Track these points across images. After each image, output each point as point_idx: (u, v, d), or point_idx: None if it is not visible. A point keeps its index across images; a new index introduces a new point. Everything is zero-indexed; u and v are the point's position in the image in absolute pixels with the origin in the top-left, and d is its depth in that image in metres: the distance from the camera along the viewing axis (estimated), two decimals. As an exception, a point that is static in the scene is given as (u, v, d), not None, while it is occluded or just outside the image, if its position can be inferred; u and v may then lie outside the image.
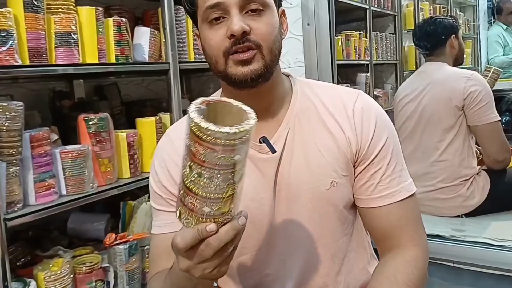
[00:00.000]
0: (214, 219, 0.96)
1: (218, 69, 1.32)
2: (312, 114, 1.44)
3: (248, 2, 1.27)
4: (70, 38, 2.18)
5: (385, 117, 1.48)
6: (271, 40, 1.31)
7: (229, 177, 0.92)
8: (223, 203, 0.95)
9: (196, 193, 0.93)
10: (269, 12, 1.32)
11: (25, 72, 2.07)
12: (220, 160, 0.89)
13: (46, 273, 2.05)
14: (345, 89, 1.53)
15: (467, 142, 3.17)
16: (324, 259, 1.45)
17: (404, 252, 1.39)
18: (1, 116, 1.91)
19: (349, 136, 1.41)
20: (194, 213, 0.96)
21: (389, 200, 1.40)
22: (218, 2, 1.27)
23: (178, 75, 2.68)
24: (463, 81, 3.10)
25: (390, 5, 5.64)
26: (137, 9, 3.04)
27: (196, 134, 0.88)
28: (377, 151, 1.41)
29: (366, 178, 1.42)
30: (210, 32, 1.31)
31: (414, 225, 1.43)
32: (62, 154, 2.17)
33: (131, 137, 2.48)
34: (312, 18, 3.12)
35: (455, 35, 3.39)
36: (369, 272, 1.52)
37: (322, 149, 1.40)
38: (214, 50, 1.31)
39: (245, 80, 1.28)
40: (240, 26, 1.24)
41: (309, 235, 1.42)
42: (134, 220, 2.53)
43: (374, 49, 5.31)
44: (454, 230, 3.03)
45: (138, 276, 2.40)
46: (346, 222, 1.47)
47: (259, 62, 1.28)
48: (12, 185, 1.96)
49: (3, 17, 1.92)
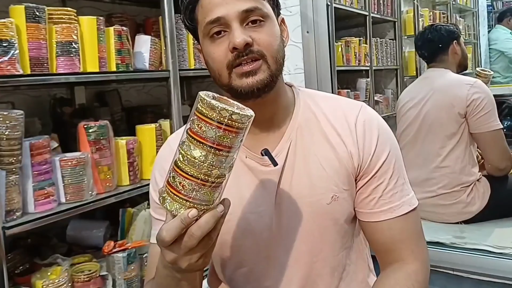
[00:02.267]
0: (197, 205, 1.00)
1: (222, 83, 1.32)
2: (314, 126, 1.43)
3: (248, 15, 1.28)
4: (71, 47, 2.19)
5: (387, 130, 1.47)
6: (274, 49, 1.31)
7: (222, 160, 0.99)
8: (209, 188, 1.00)
9: (187, 172, 0.99)
10: (270, 22, 1.32)
11: (27, 81, 2.08)
12: (220, 139, 0.96)
13: (44, 282, 2.05)
14: (348, 101, 1.52)
15: (468, 149, 3.17)
16: (323, 272, 1.44)
17: (405, 266, 1.39)
18: (1, 125, 1.92)
19: (350, 149, 1.40)
20: (180, 196, 1.00)
21: (390, 215, 1.39)
22: (218, 17, 1.27)
23: (178, 83, 2.69)
24: (466, 88, 3.10)
25: (390, 12, 5.65)
26: (138, 16, 3.05)
27: (203, 112, 0.96)
28: (379, 165, 1.40)
29: (368, 192, 1.41)
30: (212, 46, 1.31)
31: (415, 239, 1.42)
32: (61, 162, 2.18)
33: (130, 145, 2.49)
34: (311, 26, 3.13)
35: (457, 41, 3.39)
36: (368, 284, 1.52)
37: (323, 163, 1.39)
38: (217, 64, 1.31)
39: (251, 91, 1.28)
40: (242, 38, 1.24)
41: (309, 248, 1.42)
42: (133, 227, 2.53)
43: (374, 55, 5.31)
44: (455, 237, 3.03)
45: (137, 284, 2.40)
46: (346, 236, 1.46)
47: (264, 72, 1.28)
48: (11, 193, 1.97)
49: (5, 27, 1.94)
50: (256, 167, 1.39)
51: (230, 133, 0.97)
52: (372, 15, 5.20)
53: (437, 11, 6.68)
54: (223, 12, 1.26)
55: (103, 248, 2.33)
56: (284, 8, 3.13)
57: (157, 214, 1.49)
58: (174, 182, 1.01)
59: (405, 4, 6.01)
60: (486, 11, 8.04)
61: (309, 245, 1.41)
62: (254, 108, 1.25)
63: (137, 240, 2.47)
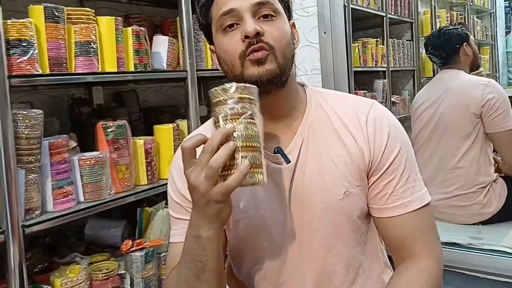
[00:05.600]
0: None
1: (234, 74, 1.35)
2: (325, 124, 1.45)
3: (260, 8, 1.32)
4: (89, 47, 2.20)
5: (399, 126, 1.48)
6: (283, 43, 1.34)
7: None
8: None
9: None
10: (280, 19, 1.36)
11: (46, 81, 2.09)
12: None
13: (62, 280, 2.06)
14: (359, 98, 1.54)
15: (484, 150, 3.17)
16: (338, 268, 1.45)
17: (418, 262, 1.39)
18: (21, 124, 1.93)
19: (362, 146, 1.41)
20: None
21: (402, 210, 1.40)
22: (231, 9, 1.31)
23: (195, 83, 2.70)
24: (481, 88, 3.10)
25: (407, 13, 5.63)
26: (156, 16, 3.06)
27: (241, 95, 1.15)
28: (390, 161, 1.41)
29: (379, 188, 1.43)
30: (225, 38, 1.34)
31: (428, 235, 1.43)
32: (80, 161, 2.19)
33: (148, 144, 2.50)
34: (328, 27, 3.13)
35: (467, 42, 3.39)
36: (384, 281, 1.52)
37: (335, 159, 1.41)
38: (230, 55, 1.34)
39: (261, 81, 1.30)
40: (254, 27, 1.28)
41: (323, 245, 1.43)
42: (151, 226, 2.53)
43: (391, 56, 5.30)
44: (471, 238, 3.02)
45: (155, 283, 2.41)
46: (360, 232, 1.47)
47: (272, 62, 1.31)
48: (30, 192, 1.98)
49: (25, 27, 1.95)
50: (269, 165, 1.40)
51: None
52: (389, 16, 5.19)
53: (454, 12, 6.65)
54: (236, 4, 1.31)
55: (121, 247, 2.34)
56: (301, 8, 3.14)
57: (177, 214, 1.51)
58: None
59: (422, 5, 5.99)
60: (504, 12, 7.98)
61: (323, 241, 1.43)
62: (266, 106, 1.28)
63: (155, 239, 2.48)
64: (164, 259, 2.48)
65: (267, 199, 1.42)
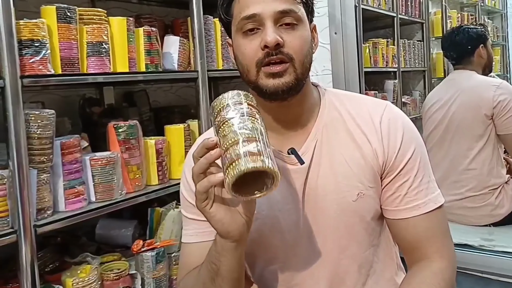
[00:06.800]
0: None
1: (249, 79, 1.34)
2: (339, 125, 1.44)
3: (283, 16, 1.30)
4: (101, 47, 2.21)
5: (413, 128, 1.48)
6: (303, 54, 1.32)
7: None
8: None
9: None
10: (302, 27, 1.34)
11: (58, 81, 2.10)
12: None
13: (74, 280, 2.07)
14: (373, 100, 1.53)
15: (496, 151, 3.16)
16: (351, 270, 1.45)
17: (431, 264, 1.39)
18: (33, 124, 1.94)
19: (376, 148, 1.41)
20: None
21: (416, 212, 1.40)
22: (253, 14, 1.29)
23: (206, 83, 2.70)
24: (492, 89, 3.09)
25: (417, 13, 5.63)
26: (166, 17, 3.07)
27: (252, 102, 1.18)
28: (404, 163, 1.41)
29: (393, 190, 1.42)
30: (244, 41, 1.33)
31: (441, 237, 1.43)
32: (92, 161, 2.20)
33: (159, 144, 2.50)
34: (339, 27, 3.12)
35: (484, 44, 3.37)
36: (396, 283, 1.51)
37: (348, 161, 1.40)
38: (247, 60, 1.33)
39: (276, 93, 1.30)
40: (274, 37, 1.26)
41: (336, 246, 1.43)
42: (162, 226, 2.53)
43: (402, 57, 5.29)
44: (483, 239, 3.01)
45: (165, 283, 2.41)
46: (373, 234, 1.47)
47: (291, 75, 1.30)
48: (42, 192, 1.98)
49: (37, 27, 1.96)
50: (283, 166, 1.40)
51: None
52: (400, 16, 5.19)
53: (465, 13, 6.63)
54: (259, 10, 1.29)
55: (132, 247, 2.34)
56: (312, 9, 3.13)
57: (189, 214, 1.51)
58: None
59: (433, 6, 5.99)
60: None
61: (336, 242, 1.43)
62: (280, 109, 1.28)
63: (166, 239, 2.48)
64: (174, 259, 2.48)
65: (281, 200, 1.42)
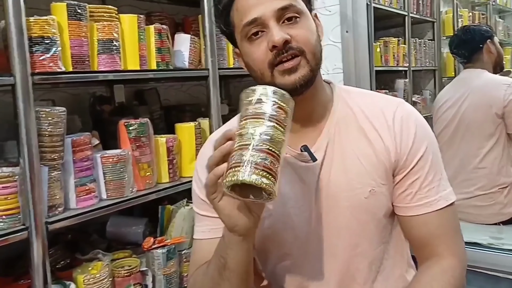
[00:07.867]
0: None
1: (265, 82, 1.32)
2: (351, 122, 1.44)
3: (283, 12, 1.29)
4: (112, 45, 2.21)
5: (425, 125, 1.47)
6: (312, 44, 1.32)
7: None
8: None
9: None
10: (305, 18, 1.33)
11: (68, 78, 2.11)
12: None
13: (85, 276, 2.08)
14: (385, 97, 1.54)
15: (506, 150, 3.15)
16: (361, 267, 1.45)
17: (441, 261, 1.39)
18: (44, 122, 1.95)
19: (388, 145, 1.40)
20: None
21: (427, 209, 1.40)
22: (255, 18, 1.28)
23: (217, 82, 2.70)
24: (503, 88, 3.08)
25: (429, 12, 5.62)
26: (177, 15, 3.06)
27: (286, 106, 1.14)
28: (416, 160, 1.40)
29: (405, 187, 1.42)
30: (252, 47, 1.32)
31: (452, 234, 1.42)
32: (102, 159, 2.20)
33: (170, 142, 2.51)
34: (351, 26, 3.11)
35: (491, 40, 3.37)
36: (407, 280, 1.51)
37: (361, 158, 1.40)
38: (258, 64, 1.32)
39: (294, 88, 1.28)
40: (281, 36, 1.25)
41: (347, 243, 1.43)
42: (172, 224, 2.54)
43: (412, 55, 5.28)
44: (492, 238, 3.00)
45: (176, 280, 2.42)
46: (385, 231, 1.46)
47: (305, 67, 1.29)
48: (53, 189, 1.99)
49: (48, 24, 1.96)
50: (295, 163, 1.41)
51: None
52: (411, 15, 5.18)
53: (476, 12, 6.60)
54: (259, 13, 1.28)
55: (143, 244, 2.36)
56: (323, 7, 3.12)
57: (201, 210, 1.51)
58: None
59: (445, 5, 5.97)
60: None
61: (348, 239, 1.43)
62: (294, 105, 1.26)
63: (176, 236, 2.49)
64: (185, 257, 2.49)
65: (293, 197, 1.42)
